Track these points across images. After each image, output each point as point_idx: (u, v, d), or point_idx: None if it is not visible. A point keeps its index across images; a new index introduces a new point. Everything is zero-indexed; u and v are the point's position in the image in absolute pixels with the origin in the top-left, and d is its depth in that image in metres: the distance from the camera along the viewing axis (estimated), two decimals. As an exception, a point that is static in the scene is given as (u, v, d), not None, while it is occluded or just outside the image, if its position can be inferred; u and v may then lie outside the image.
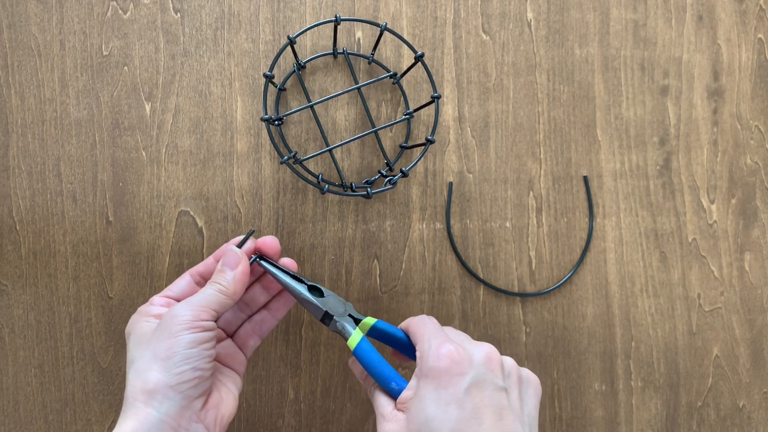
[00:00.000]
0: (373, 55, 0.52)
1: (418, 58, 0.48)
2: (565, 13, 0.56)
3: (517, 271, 0.55)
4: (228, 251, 0.40)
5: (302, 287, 0.41)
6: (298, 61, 0.49)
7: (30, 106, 0.50)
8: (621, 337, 0.56)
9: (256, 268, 0.42)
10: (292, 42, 0.47)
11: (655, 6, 0.57)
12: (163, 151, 0.51)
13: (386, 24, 0.48)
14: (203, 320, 0.36)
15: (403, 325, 0.41)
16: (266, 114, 0.48)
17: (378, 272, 0.53)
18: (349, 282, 0.53)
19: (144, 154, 0.51)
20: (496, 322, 0.55)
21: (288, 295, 0.44)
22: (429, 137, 0.48)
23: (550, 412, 0.55)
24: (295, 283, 0.41)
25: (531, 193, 0.55)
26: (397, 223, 0.53)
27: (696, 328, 0.57)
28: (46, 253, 0.50)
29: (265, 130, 0.51)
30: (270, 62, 0.51)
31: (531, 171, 0.55)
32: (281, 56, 0.51)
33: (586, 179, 0.56)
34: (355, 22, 0.52)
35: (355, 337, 0.39)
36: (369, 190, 0.48)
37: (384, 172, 0.51)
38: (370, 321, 0.40)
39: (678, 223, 0.57)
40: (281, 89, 0.51)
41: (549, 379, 0.55)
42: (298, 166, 0.51)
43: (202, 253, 0.51)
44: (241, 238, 0.41)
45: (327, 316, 0.40)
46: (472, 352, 0.36)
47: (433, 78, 0.54)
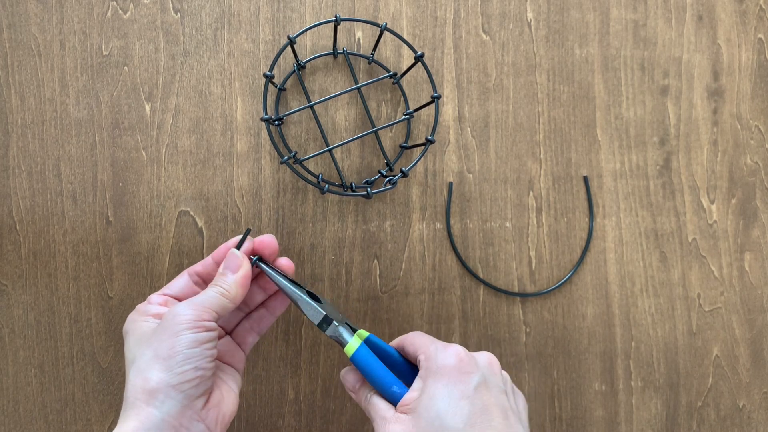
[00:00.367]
0: (373, 55, 0.52)
1: (418, 58, 0.48)
2: (565, 13, 0.56)
3: (517, 271, 0.55)
4: (230, 254, 0.40)
5: (301, 291, 0.41)
6: (298, 61, 0.49)
7: (30, 106, 0.50)
8: (621, 337, 0.56)
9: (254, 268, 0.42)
10: (292, 42, 0.47)
11: (655, 6, 0.57)
12: (163, 151, 0.51)
13: (386, 24, 0.48)
14: (205, 320, 0.36)
15: (395, 342, 0.42)
16: (266, 114, 0.48)
17: (378, 272, 0.53)
18: (349, 282, 0.53)
19: (144, 154, 0.51)
20: (496, 322, 0.55)
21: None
22: (429, 137, 0.48)
23: (550, 412, 0.55)
24: (293, 287, 0.41)
25: (531, 193, 0.55)
26: (397, 223, 0.53)
27: (696, 328, 0.57)
28: (46, 253, 0.50)
29: (265, 130, 0.51)
30: (270, 62, 0.51)
31: (531, 171, 0.55)
32: (281, 56, 0.51)
33: (586, 179, 0.56)
34: (355, 22, 0.52)
35: (353, 344, 0.39)
36: (369, 190, 0.48)
37: (384, 172, 0.51)
38: (363, 333, 0.40)
39: (678, 223, 0.57)
40: (281, 89, 0.51)
41: (549, 379, 0.55)
42: (298, 166, 0.51)
43: (202, 253, 0.51)
44: (238, 238, 0.41)
45: (326, 320, 0.40)
46: (475, 355, 0.38)
47: (433, 78, 0.54)
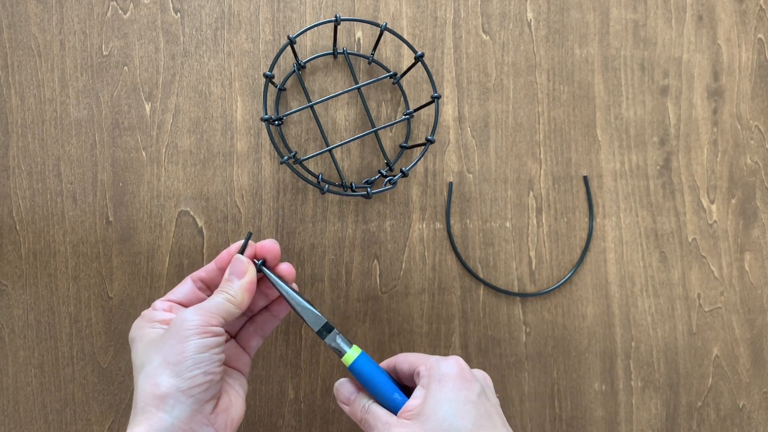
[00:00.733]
0: (373, 55, 0.52)
1: (418, 58, 0.48)
2: (565, 13, 0.56)
3: (517, 271, 0.55)
4: (235, 260, 0.40)
5: (302, 298, 0.41)
6: (298, 61, 0.49)
7: (30, 106, 0.50)
8: (621, 337, 0.56)
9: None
10: (292, 42, 0.47)
11: (655, 6, 0.57)
12: (163, 151, 0.51)
13: (386, 24, 0.48)
14: (213, 325, 0.36)
15: (386, 363, 0.42)
16: (266, 114, 0.48)
17: (378, 272, 0.53)
18: (349, 282, 0.53)
19: (144, 154, 0.51)
20: (496, 322, 0.55)
21: None
22: (429, 137, 0.48)
23: (550, 412, 0.55)
24: (294, 293, 0.41)
25: (531, 193, 0.55)
26: (397, 223, 0.53)
27: (696, 328, 0.57)
28: (46, 253, 0.50)
29: (265, 130, 0.51)
30: (270, 62, 0.51)
31: (531, 171, 0.55)
32: (281, 56, 0.51)
33: (586, 179, 0.56)
34: (355, 22, 0.52)
35: (352, 354, 0.39)
36: (369, 190, 0.48)
37: (384, 172, 0.51)
38: (357, 350, 0.40)
39: (678, 223, 0.57)
40: (281, 89, 0.51)
41: (549, 379, 0.55)
42: (298, 166, 0.51)
43: (202, 253, 0.51)
44: (240, 243, 0.41)
45: (326, 328, 0.40)
46: (470, 369, 0.39)
47: (433, 78, 0.54)
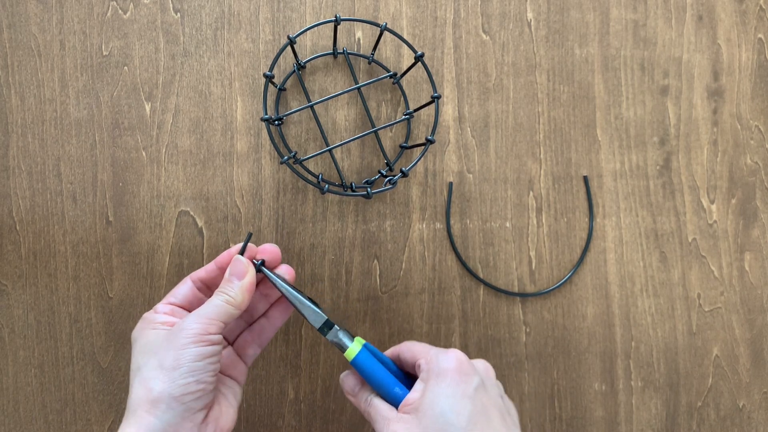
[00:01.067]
0: (373, 55, 0.52)
1: (418, 58, 0.48)
2: (565, 13, 0.56)
3: (517, 271, 0.55)
4: (235, 260, 0.40)
5: (302, 296, 0.41)
6: (298, 61, 0.49)
7: (30, 106, 0.50)
8: (621, 337, 0.56)
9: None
10: (292, 42, 0.47)
11: (655, 6, 0.57)
12: (163, 151, 0.51)
13: (386, 24, 0.48)
14: (211, 333, 0.37)
15: (390, 351, 0.42)
16: (266, 114, 0.48)
17: (378, 272, 0.53)
18: (349, 282, 0.53)
19: (144, 154, 0.51)
20: (496, 322, 0.55)
21: (286, 303, 0.44)
22: (429, 137, 0.48)
23: (550, 412, 0.55)
24: (295, 291, 0.41)
25: (531, 193, 0.55)
26: (397, 223, 0.53)
27: (696, 328, 0.57)
28: (46, 253, 0.50)
29: (265, 130, 0.51)
30: (270, 62, 0.51)
31: (531, 171, 0.55)
32: (281, 56, 0.51)
33: (586, 179, 0.56)
34: (355, 22, 0.52)
35: (354, 348, 0.40)
36: (369, 190, 0.48)
37: (384, 172, 0.51)
38: (361, 340, 0.41)
39: (678, 223, 0.57)
40: (281, 89, 0.51)
41: (549, 379, 0.55)
42: (298, 166, 0.51)
43: (202, 253, 0.51)
44: (241, 245, 0.41)
45: (327, 325, 0.40)
46: (472, 361, 0.39)
47: (433, 78, 0.54)
